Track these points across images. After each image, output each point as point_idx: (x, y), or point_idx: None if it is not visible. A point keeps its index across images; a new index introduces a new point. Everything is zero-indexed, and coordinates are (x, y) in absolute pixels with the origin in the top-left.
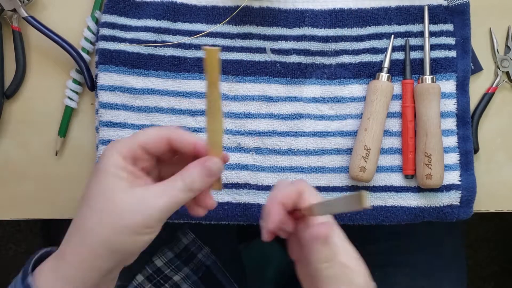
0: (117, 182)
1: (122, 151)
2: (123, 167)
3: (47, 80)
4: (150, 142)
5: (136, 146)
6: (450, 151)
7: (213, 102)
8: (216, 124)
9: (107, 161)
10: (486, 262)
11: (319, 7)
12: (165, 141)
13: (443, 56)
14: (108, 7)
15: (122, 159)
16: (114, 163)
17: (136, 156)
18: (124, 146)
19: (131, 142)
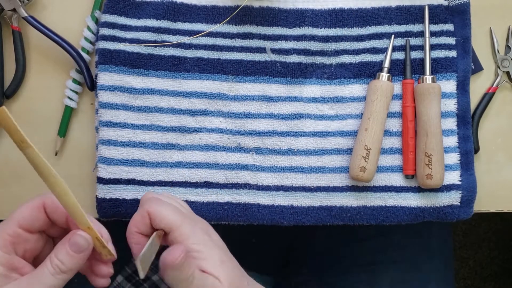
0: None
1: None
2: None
3: (47, 80)
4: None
5: (13, 228)
6: (450, 151)
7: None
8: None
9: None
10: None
11: (319, 7)
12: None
13: (444, 56)
14: (108, 7)
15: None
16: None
17: (16, 240)
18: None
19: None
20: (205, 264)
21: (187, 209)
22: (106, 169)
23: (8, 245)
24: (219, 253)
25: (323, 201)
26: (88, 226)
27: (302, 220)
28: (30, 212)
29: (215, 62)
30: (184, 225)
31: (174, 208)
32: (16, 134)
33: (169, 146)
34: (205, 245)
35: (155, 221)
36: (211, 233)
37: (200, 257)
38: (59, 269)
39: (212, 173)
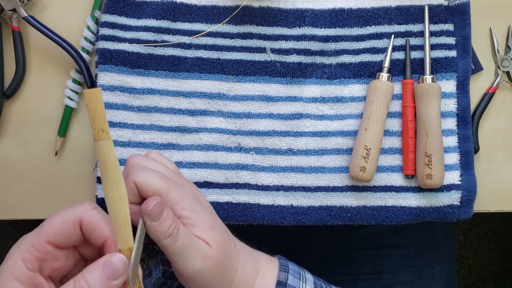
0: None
1: (24, 253)
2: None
3: (47, 80)
4: (58, 233)
5: (42, 242)
6: (450, 151)
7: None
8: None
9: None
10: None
11: (319, 7)
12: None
13: (444, 56)
14: (108, 7)
15: (22, 263)
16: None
17: (43, 257)
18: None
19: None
20: (195, 230)
21: (174, 170)
22: None
23: (34, 261)
24: (208, 219)
25: (323, 201)
26: (130, 247)
27: (302, 220)
28: (62, 227)
29: (215, 62)
30: (172, 191)
31: (159, 174)
32: (100, 121)
33: (169, 146)
34: (194, 210)
35: (141, 191)
36: (199, 197)
37: (190, 223)
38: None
39: (212, 173)
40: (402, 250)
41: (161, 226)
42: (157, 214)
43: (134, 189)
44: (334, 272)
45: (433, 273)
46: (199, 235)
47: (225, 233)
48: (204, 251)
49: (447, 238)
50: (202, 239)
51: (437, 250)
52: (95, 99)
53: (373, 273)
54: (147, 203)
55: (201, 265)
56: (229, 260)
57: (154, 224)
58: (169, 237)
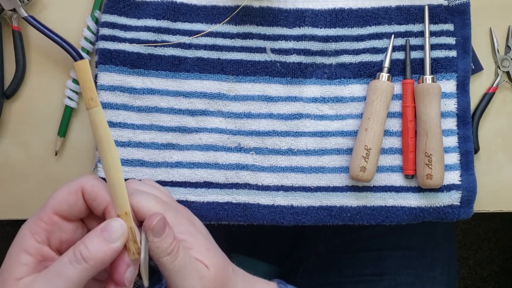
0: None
1: (32, 226)
2: (27, 249)
3: (47, 80)
4: (63, 203)
5: (48, 214)
6: (450, 151)
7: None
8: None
9: (15, 240)
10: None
11: (319, 7)
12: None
13: (444, 56)
14: (108, 7)
15: (30, 236)
16: (19, 243)
17: (50, 228)
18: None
19: (43, 211)
20: (193, 252)
21: (169, 196)
22: None
23: (41, 233)
24: (204, 241)
25: (323, 201)
26: (126, 212)
27: (302, 220)
28: (66, 197)
29: (215, 62)
30: (168, 214)
31: (155, 198)
32: (89, 90)
33: (169, 146)
34: (190, 233)
35: (138, 214)
36: (195, 221)
37: (187, 246)
38: (81, 255)
39: (212, 173)
40: (403, 251)
41: (162, 243)
42: (159, 230)
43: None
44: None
45: (434, 274)
46: (197, 257)
47: (222, 257)
48: (202, 272)
49: (447, 239)
50: (200, 260)
51: (438, 251)
52: (83, 69)
53: (374, 274)
54: (151, 219)
55: (198, 285)
56: (226, 284)
57: (156, 240)
58: (169, 254)
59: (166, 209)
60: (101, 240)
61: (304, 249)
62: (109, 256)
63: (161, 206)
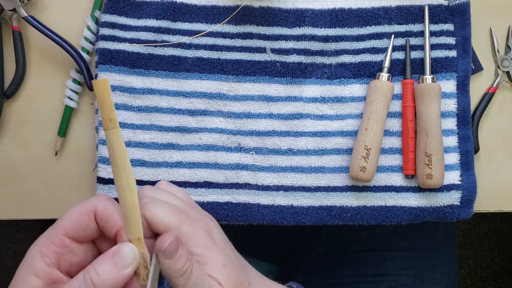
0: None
1: (42, 248)
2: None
3: (47, 80)
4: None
5: (59, 236)
6: (450, 151)
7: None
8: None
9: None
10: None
11: (319, 7)
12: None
13: (444, 56)
14: (108, 7)
15: (40, 258)
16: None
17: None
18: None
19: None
20: (207, 268)
21: (186, 200)
22: (106, 169)
23: (51, 255)
24: (221, 256)
25: (323, 201)
26: (139, 237)
27: (302, 220)
28: (78, 218)
29: (215, 62)
30: (183, 226)
31: (170, 207)
32: (107, 110)
33: (169, 146)
34: (206, 247)
35: (151, 226)
36: (213, 231)
37: (201, 261)
38: (91, 282)
39: (212, 173)
40: (404, 252)
41: (175, 265)
42: (172, 251)
43: (144, 223)
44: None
45: (435, 275)
46: (211, 273)
47: (239, 271)
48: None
49: (448, 240)
50: (214, 277)
51: (439, 252)
52: (102, 89)
53: (375, 275)
54: (163, 240)
55: None
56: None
57: (168, 262)
58: (182, 276)
59: (182, 220)
60: (112, 266)
61: (304, 250)
62: (120, 282)
63: (176, 217)
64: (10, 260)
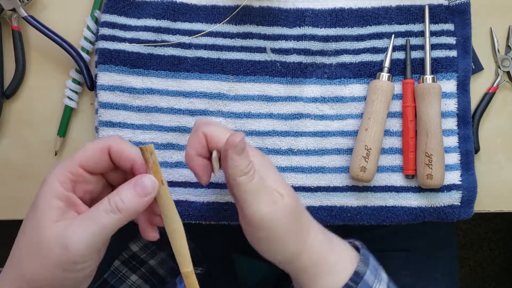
0: (47, 213)
1: (60, 176)
2: (58, 195)
3: (47, 80)
4: (89, 158)
5: (75, 166)
6: (450, 151)
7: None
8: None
9: (43, 188)
10: (486, 262)
11: (319, 7)
12: (105, 153)
13: (444, 56)
14: (107, 7)
15: (59, 184)
16: (49, 190)
17: (76, 179)
18: (62, 169)
19: (70, 163)
20: (267, 181)
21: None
22: None
23: (68, 183)
24: (278, 174)
25: (323, 201)
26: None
27: None
28: (93, 153)
29: (215, 62)
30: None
31: (227, 129)
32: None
33: (169, 146)
34: (263, 164)
35: (211, 141)
36: (265, 157)
37: (262, 176)
38: (116, 207)
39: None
40: (406, 252)
41: (241, 162)
42: (241, 148)
43: (203, 140)
44: None
45: (436, 275)
46: (270, 184)
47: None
48: (275, 197)
49: (449, 240)
50: (274, 188)
51: (440, 253)
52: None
53: None
54: (235, 136)
55: (273, 210)
56: (300, 216)
57: (236, 158)
58: (246, 174)
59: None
60: (134, 194)
61: None
62: (141, 208)
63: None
64: None
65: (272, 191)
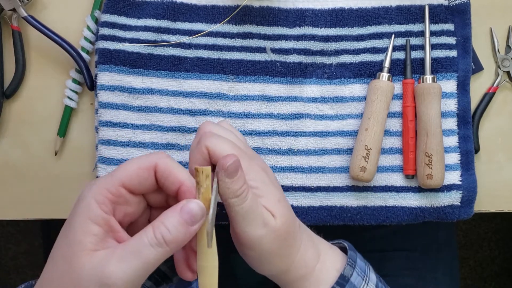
0: (82, 241)
1: (98, 197)
2: (96, 218)
3: (47, 80)
4: (133, 177)
5: (116, 186)
6: (450, 151)
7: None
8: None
9: (79, 209)
10: (486, 262)
11: (319, 7)
12: (151, 172)
13: (444, 56)
14: (107, 7)
15: (97, 206)
16: (86, 212)
17: (116, 200)
18: (101, 188)
19: (111, 182)
20: (262, 200)
21: (244, 142)
22: (106, 169)
23: (108, 204)
24: (276, 192)
25: (323, 201)
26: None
27: (302, 220)
28: (138, 172)
29: (215, 62)
30: (242, 160)
31: (231, 143)
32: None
33: (169, 146)
34: (263, 182)
35: (213, 156)
36: (268, 171)
37: (258, 194)
38: (163, 240)
39: None
40: (406, 252)
41: (233, 184)
42: (233, 171)
43: (205, 154)
44: None
45: (437, 275)
46: (265, 205)
47: (291, 210)
48: (267, 220)
49: (449, 241)
50: (268, 209)
51: (441, 253)
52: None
53: None
54: (226, 159)
55: (262, 233)
56: (291, 238)
57: (227, 181)
58: (238, 197)
59: (241, 155)
60: (181, 223)
61: None
62: (188, 239)
63: (236, 151)
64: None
65: (264, 213)
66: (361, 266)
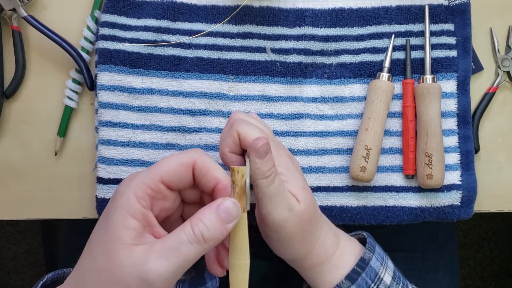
0: (121, 235)
1: (138, 191)
2: (135, 213)
3: (47, 80)
4: (172, 174)
5: (156, 182)
6: (450, 151)
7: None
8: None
9: (118, 202)
10: (486, 262)
11: (319, 7)
12: (190, 169)
13: (444, 56)
14: (107, 7)
15: (136, 200)
16: (125, 206)
17: (155, 195)
18: (141, 183)
19: (151, 177)
20: (288, 185)
21: (271, 133)
22: (106, 169)
23: (147, 199)
24: (300, 179)
25: (323, 201)
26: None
27: None
28: (176, 168)
29: (215, 62)
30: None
31: (260, 130)
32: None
33: (169, 146)
34: (288, 169)
35: (244, 141)
36: (292, 159)
37: (283, 179)
38: (202, 237)
39: None
40: (407, 253)
41: (263, 165)
42: (263, 152)
43: (236, 139)
44: None
45: (437, 276)
46: (291, 190)
47: (313, 199)
48: (292, 204)
49: (450, 241)
50: (293, 194)
51: (441, 253)
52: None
53: None
54: (257, 141)
55: (286, 216)
56: (313, 224)
57: (258, 161)
58: (266, 178)
59: (269, 141)
60: (218, 220)
61: None
62: (223, 237)
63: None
64: (10, 260)
65: (289, 197)
66: (380, 253)
